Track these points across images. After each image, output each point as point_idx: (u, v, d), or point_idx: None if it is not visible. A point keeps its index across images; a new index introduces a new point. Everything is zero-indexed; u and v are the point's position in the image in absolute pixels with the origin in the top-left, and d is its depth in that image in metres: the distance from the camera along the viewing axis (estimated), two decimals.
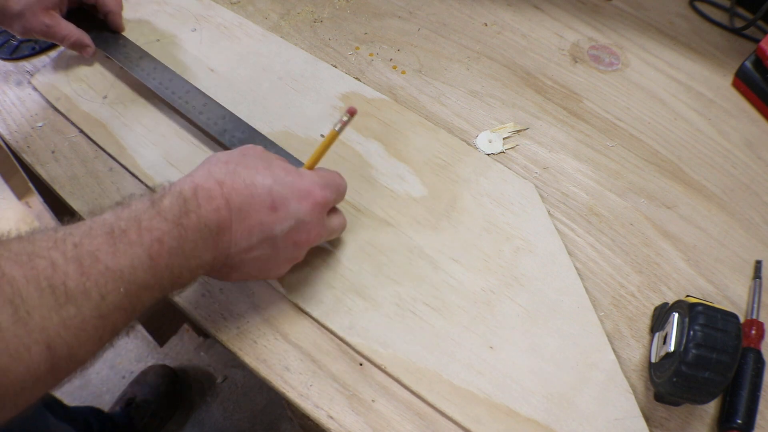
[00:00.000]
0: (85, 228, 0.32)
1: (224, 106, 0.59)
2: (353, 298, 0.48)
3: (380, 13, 0.70)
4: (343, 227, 0.48)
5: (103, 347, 0.33)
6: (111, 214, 0.34)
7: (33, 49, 0.65)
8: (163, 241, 0.33)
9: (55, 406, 0.89)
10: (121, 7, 0.63)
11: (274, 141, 0.56)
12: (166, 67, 0.60)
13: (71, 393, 1.25)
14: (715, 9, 0.75)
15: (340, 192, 0.45)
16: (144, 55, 0.61)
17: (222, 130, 0.56)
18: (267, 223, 0.38)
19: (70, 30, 0.59)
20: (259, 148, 0.43)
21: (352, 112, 0.44)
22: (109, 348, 0.34)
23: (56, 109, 0.59)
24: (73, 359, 0.30)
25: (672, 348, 0.41)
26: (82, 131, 0.58)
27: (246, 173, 0.39)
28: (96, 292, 0.30)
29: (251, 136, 0.55)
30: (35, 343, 0.28)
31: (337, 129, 0.45)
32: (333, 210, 0.46)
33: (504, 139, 0.59)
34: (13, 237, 0.31)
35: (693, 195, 0.56)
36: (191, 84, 0.58)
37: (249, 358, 0.46)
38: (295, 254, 0.42)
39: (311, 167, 0.45)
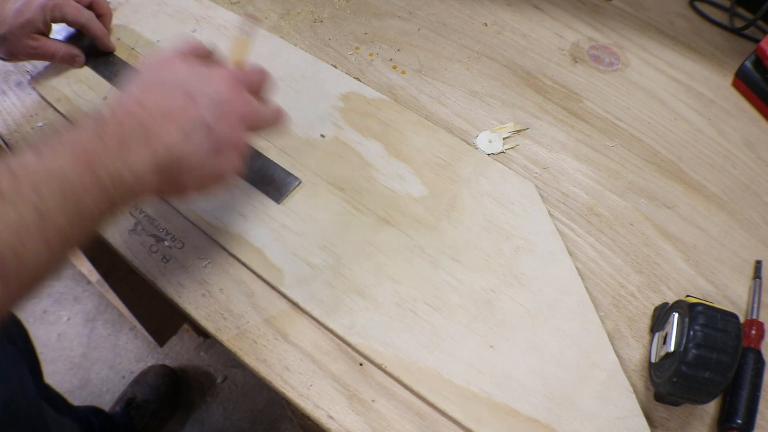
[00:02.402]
0: (14, 154, 0.34)
1: None
2: (353, 297, 0.48)
3: (380, 13, 0.70)
4: (278, 114, 0.46)
5: (56, 257, 0.33)
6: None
7: None
8: (85, 144, 0.34)
9: (60, 404, 0.89)
10: (106, 30, 0.62)
11: (274, 141, 0.57)
12: None
13: (71, 393, 1.26)
14: (715, 9, 0.75)
15: (257, 72, 0.45)
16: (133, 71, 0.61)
17: None
18: (188, 108, 0.39)
19: (57, 46, 0.59)
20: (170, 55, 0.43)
21: (252, 17, 0.47)
22: (65, 260, 0.34)
23: (56, 110, 0.59)
24: (22, 264, 0.31)
25: (672, 348, 0.41)
26: None
27: (154, 79, 0.40)
28: (31, 192, 0.31)
29: None
30: None
31: (245, 34, 0.47)
32: (264, 100, 0.46)
33: (504, 139, 0.59)
34: None
35: (693, 195, 0.56)
36: None
37: (249, 358, 0.46)
38: (234, 136, 0.41)
39: None
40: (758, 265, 0.52)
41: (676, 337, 0.42)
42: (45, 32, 0.58)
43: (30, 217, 0.31)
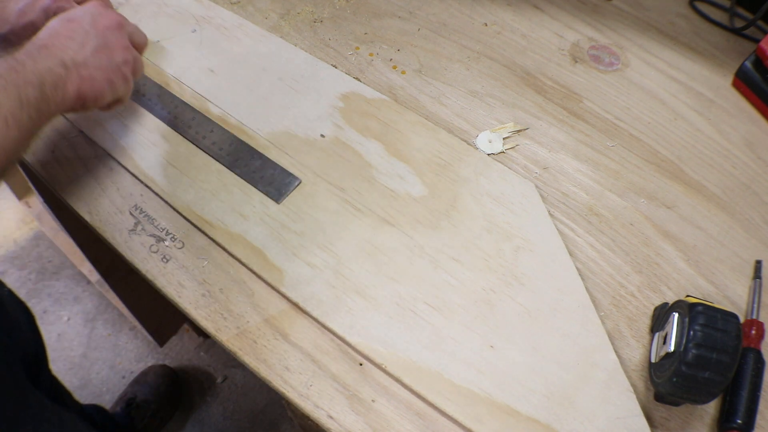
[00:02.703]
0: None
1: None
2: (353, 297, 0.48)
3: (380, 13, 0.70)
4: (137, 30, 0.56)
5: (12, 136, 0.41)
6: None
7: None
8: (4, 62, 0.43)
9: (65, 397, 0.89)
10: None
11: (274, 141, 0.57)
12: (156, 82, 0.61)
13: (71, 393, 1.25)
14: (715, 9, 0.75)
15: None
16: None
17: (210, 144, 0.56)
18: (73, 27, 0.49)
19: None
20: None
21: None
22: (21, 146, 0.43)
23: None
24: None
25: (672, 348, 0.41)
26: (81, 131, 0.58)
27: (42, 32, 0.50)
28: None
29: (239, 147, 0.56)
30: None
31: None
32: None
33: (504, 139, 0.59)
34: None
35: (693, 195, 0.56)
36: (180, 99, 0.59)
37: (249, 358, 0.46)
38: (117, 37, 0.52)
39: None
40: (758, 265, 0.52)
41: (676, 337, 0.42)
42: None
43: None
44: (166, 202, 0.53)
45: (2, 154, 0.41)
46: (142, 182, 0.55)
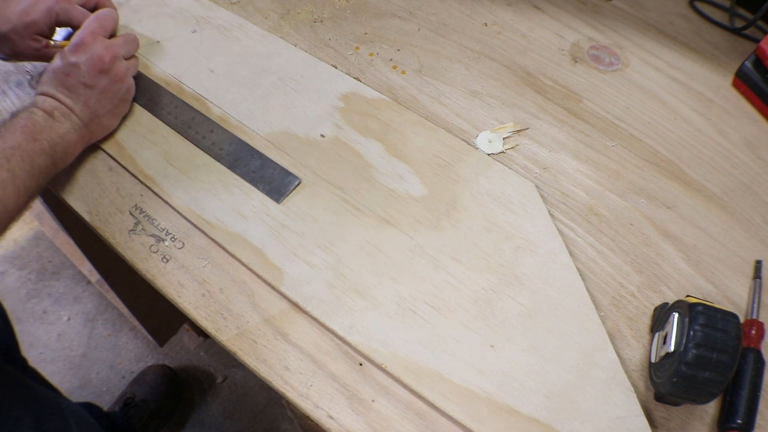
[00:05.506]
0: None
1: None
2: (353, 297, 0.48)
3: (380, 13, 0.70)
4: (127, 42, 0.58)
5: (21, 204, 0.47)
6: None
7: None
8: (27, 124, 0.49)
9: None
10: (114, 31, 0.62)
11: (274, 141, 0.57)
12: (155, 82, 0.61)
13: (71, 393, 1.25)
14: (715, 9, 0.75)
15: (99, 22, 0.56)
16: None
17: (210, 144, 0.56)
18: (71, 84, 0.53)
19: (59, 49, 0.59)
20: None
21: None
22: (27, 207, 0.48)
23: None
24: (5, 209, 0.45)
25: (672, 348, 0.41)
26: None
27: (55, 76, 0.53)
28: (3, 161, 0.46)
29: (239, 147, 0.56)
30: None
31: None
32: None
33: (504, 139, 0.59)
34: None
35: (693, 195, 0.56)
36: (180, 99, 0.60)
37: (249, 358, 0.46)
38: (115, 77, 0.55)
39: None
40: (758, 265, 0.52)
41: (676, 337, 0.42)
42: (48, 35, 0.58)
43: (5, 176, 0.45)
44: (166, 202, 0.53)
45: (10, 218, 0.46)
46: (142, 182, 0.55)
